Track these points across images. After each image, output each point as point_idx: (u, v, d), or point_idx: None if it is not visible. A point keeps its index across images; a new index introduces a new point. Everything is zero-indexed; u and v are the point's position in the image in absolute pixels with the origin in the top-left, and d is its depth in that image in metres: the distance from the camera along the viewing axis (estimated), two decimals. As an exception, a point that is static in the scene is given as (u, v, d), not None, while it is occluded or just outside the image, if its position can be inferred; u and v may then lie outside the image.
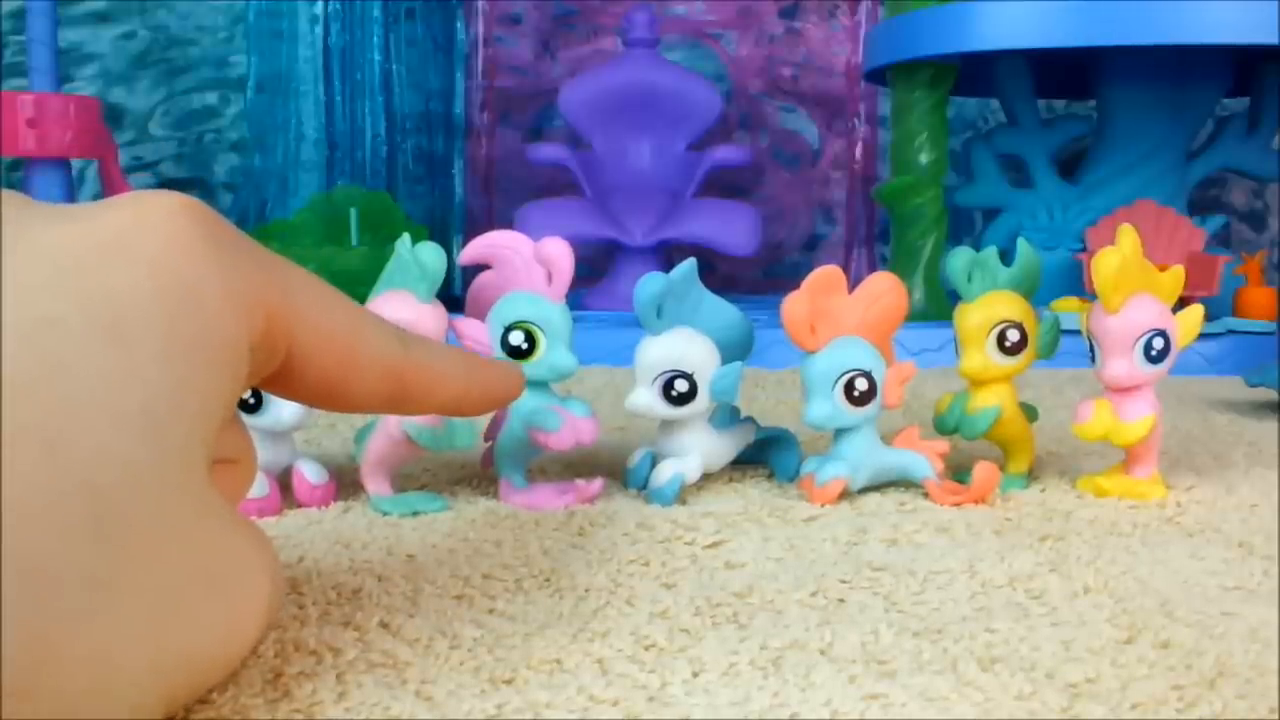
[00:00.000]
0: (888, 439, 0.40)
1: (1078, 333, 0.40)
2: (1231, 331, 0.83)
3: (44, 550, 0.16)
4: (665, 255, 1.04)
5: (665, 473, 0.38)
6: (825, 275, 0.38)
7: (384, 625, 0.26)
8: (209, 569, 0.19)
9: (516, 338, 0.37)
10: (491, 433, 0.40)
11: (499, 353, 0.38)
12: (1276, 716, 0.21)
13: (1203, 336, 0.79)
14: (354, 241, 0.91)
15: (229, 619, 0.20)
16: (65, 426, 0.17)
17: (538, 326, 0.37)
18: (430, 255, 0.37)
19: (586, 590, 0.29)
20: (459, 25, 1.26)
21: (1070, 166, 1.01)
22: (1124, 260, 0.37)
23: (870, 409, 0.38)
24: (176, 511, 0.18)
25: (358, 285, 0.34)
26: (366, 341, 0.24)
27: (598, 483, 0.39)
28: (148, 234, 0.20)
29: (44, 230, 0.19)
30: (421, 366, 0.25)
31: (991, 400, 0.40)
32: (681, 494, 0.39)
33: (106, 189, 1.02)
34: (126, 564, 0.17)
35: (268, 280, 0.22)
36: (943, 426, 0.42)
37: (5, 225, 0.19)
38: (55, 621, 0.16)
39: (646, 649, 0.25)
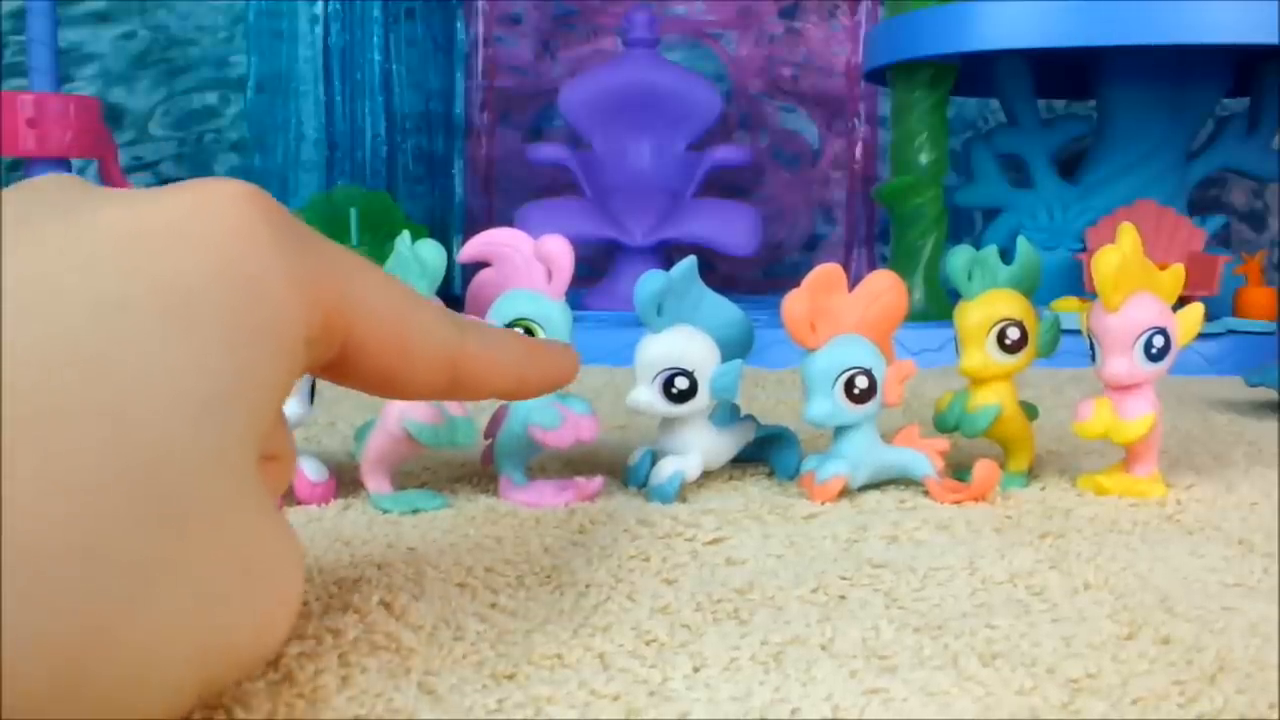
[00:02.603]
0: (888, 437, 0.40)
1: (1078, 332, 0.40)
2: (1231, 331, 0.83)
3: (104, 529, 0.16)
4: (665, 255, 1.04)
5: (665, 470, 0.38)
6: (825, 273, 0.38)
7: (385, 605, 0.26)
8: (252, 561, 0.19)
9: (517, 335, 0.37)
10: (491, 430, 0.40)
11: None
12: (1277, 712, 0.21)
13: (1203, 336, 0.79)
14: (354, 241, 0.91)
15: (266, 612, 0.20)
16: (131, 407, 0.17)
17: (538, 324, 0.38)
18: (430, 252, 0.37)
19: (587, 586, 0.29)
20: (459, 25, 1.26)
21: (1070, 166, 1.01)
22: (1124, 258, 0.37)
23: (870, 407, 0.38)
24: (228, 501, 0.18)
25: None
26: (423, 330, 0.24)
27: (598, 480, 0.39)
28: (213, 220, 0.20)
29: (110, 212, 0.19)
30: (478, 353, 0.25)
31: (991, 398, 0.40)
32: (682, 492, 0.39)
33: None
34: (179, 549, 0.17)
35: (328, 270, 0.22)
36: (943, 425, 0.42)
37: (73, 206, 0.19)
38: (107, 602, 0.16)
39: (648, 644, 0.25)
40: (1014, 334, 0.40)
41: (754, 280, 1.28)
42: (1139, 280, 0.38)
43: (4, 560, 0.15)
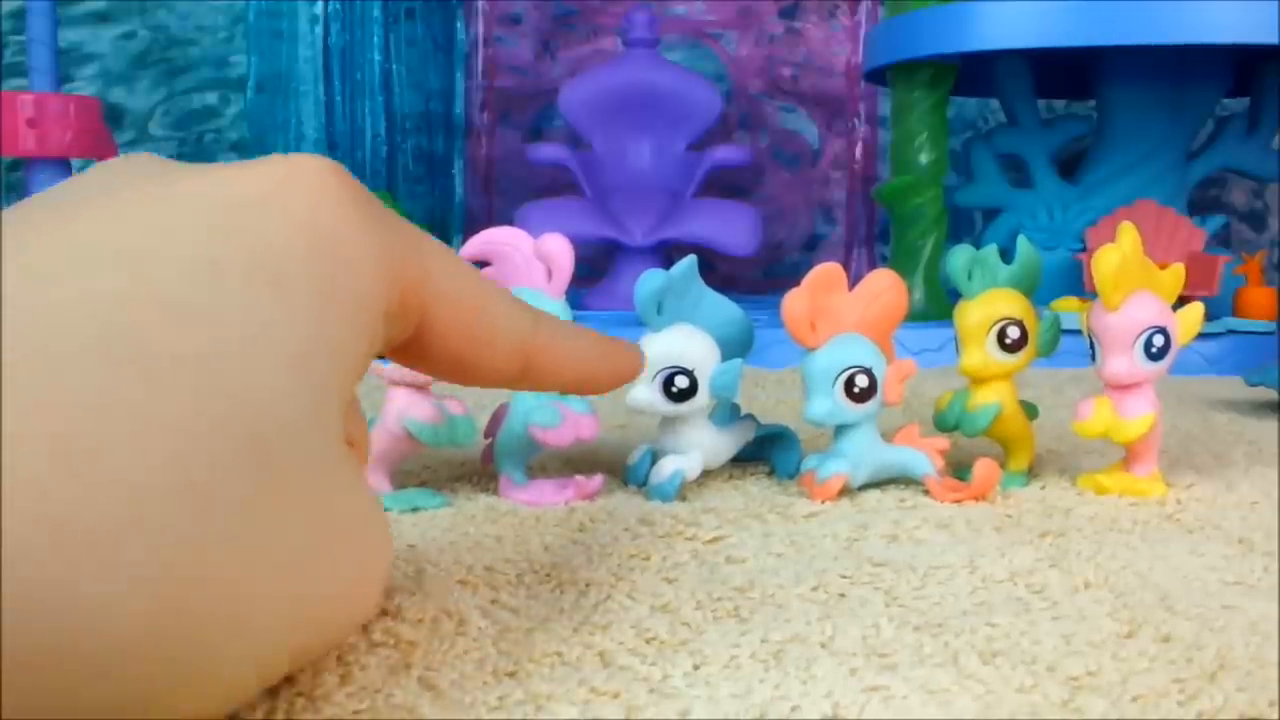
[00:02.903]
0: (888, 436, 0.40)
1: (1078, 332, 0.40)
2: (1231, 331, 0.83)
3: (202, 471, 0.16)
4: (665, 255, 1.04)
5: (666, 469, 0.38)
6: (825, 273, 0.38)
7: (385, 602, 0.26)
8: (340, 523, 0.19)
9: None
10: (491, 429, 0.40)
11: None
12: (1277, 710, 0.21)
13: (1203, 336, 0.79)
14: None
15: (356, 578, 0.20)
16: (227, 359, 0.17)
17: (538, 323, 0.37)
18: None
19: (587, 584, 0.29)
20: (459, 25, 1.26)
21: (1070, 166, 1.01)
22: (1124, 258, 0.37)
23: (870, 406, 0.38)
24: (321, 460, 0.18)
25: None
26: (496, 316, 0.24)
27: (598, 479, 0.39)
28: (299, 191, 0.20)
29: (196, 181, 0.19)
30: (550, 344, 0.25)
31: (992, 398, 0.40)
32: (682, 491, 0.39)
33: (107, 188, 1.02)
34: (275, 501, 0.17)
35: (406, 248, 0.22)
36: (943, 424, 0.42)
37: (160, 177, 0.19)
38: (206, 541, 0.16)
39: (648, 642, 0.25)
40: (1014, 333, 0.40)
41: (754, 280, 1.28)
42: (1139, 280, 0.38)
43: (106, 496, 0.15)
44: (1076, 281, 0.89)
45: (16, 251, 0.17)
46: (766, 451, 0.43)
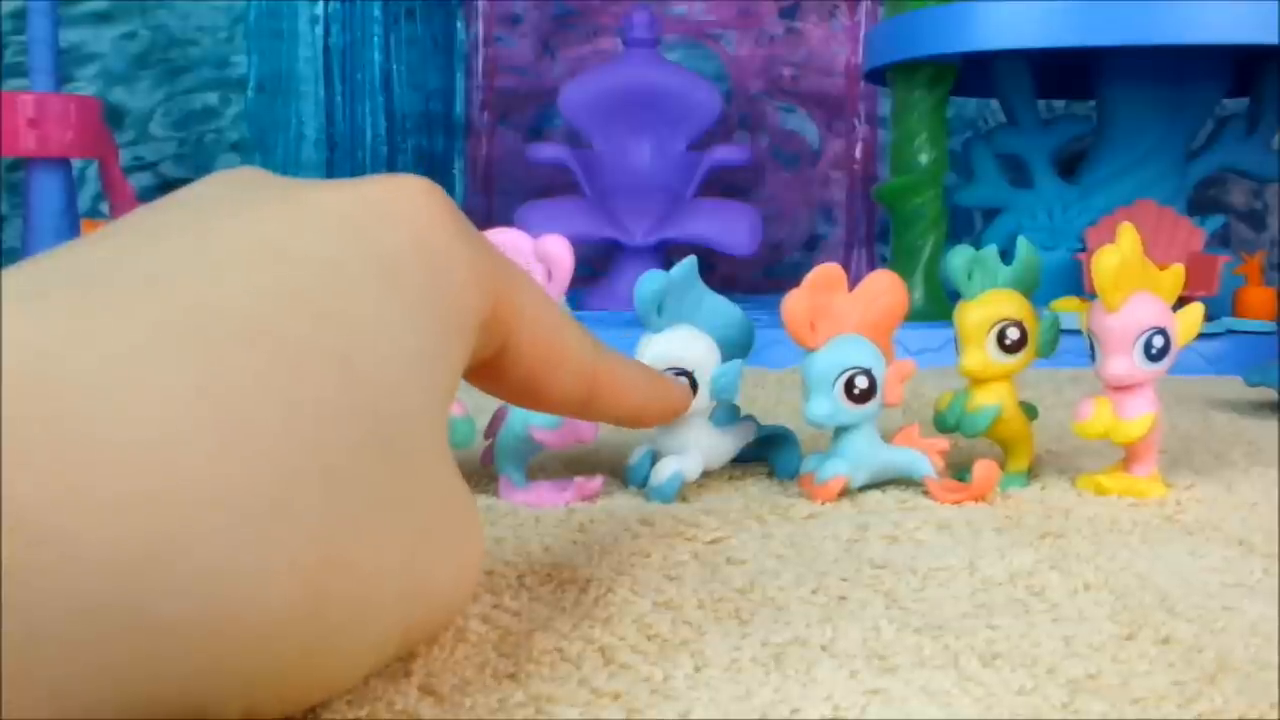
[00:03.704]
0: (888, 437, 0.40)
1: (1078, 332, 0.40)
2: (1231, 331, 0.83)
3: (341, 456, 0.17)
4: (665, 255, 1.04)
5: (665, 470, 0.38)
6: (825, 273, 0.38)
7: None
8: (449, 509, 0.20)
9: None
10: (491, 430, 0.40)
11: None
12: (1277, 712, 0.21)
13: (1203, 336, 0.79)
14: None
15: (461, 564, 0.21)
16: (358, 352, 0.18)
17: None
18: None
19: (588, 581, 0.29)
20: (459, 25, 1.26)
21: (1070, 166, 1.01)
22: (1124, 258, 0.37)
23: (870, 407, 0.38)
24: (433, 448, 0.19)
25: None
26: (568, 342, 0.25)
27: (598, 480, 0.39)
28: (409, 205, 0.21)
29: (313, 193, 0.20)
30: (610, 373, 0.26)
31: (991, 398, 0.40)
32: (682, 491, 0.39)
33: (107, 189, 1.02)
34: (402, 489, 0.18)
35: (497, 269, 0.23)
36: (943, 424, 0.42)
37: (278, 187, 0.20)
38: (345, 525, 0.17)
39: (649, 639, 0.25)
40: (1014, 334, 0.40)
41: (754, 280, 1.28)
42: (1139, 280, 0.38)
43: (262, 478, 0.15)
44: (1076, 282, 0.89)
45: (163, 252, 0.18)
46: (766, 452, 0.43)
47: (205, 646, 0.15)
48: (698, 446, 0.39)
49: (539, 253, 0.38)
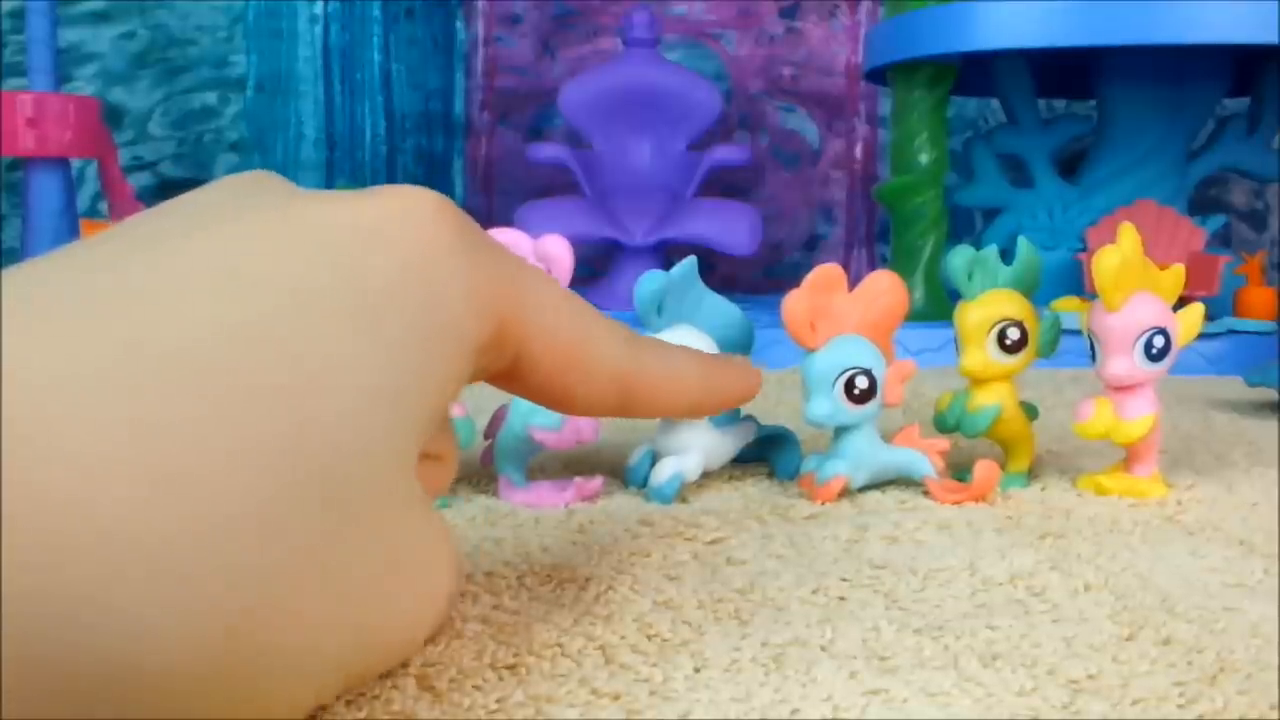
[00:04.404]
0: (888, 437, 0.40)
1: (1078, 332, 0.40)
2: (1231, 331, 0.83)
3: (275, 504, 0.16)
4: (665, 255, 1.04)
5: (665, 471, 0.38)
6: (825, 273, 0.38)
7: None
8: (405, 555, 0.20)
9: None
10: (491, 430, 0.40)
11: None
12: (1277, 713, 0.21)
13: (1203, 336, 0.79)
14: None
15: (412, 608, 0.20)
16: (309, 389, 0.17)
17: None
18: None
19: (588, 579, 0.29)
20: (459, 25, 1.26)
21: (1070, 166, 1.01)
22: (1124, 258, 0.37)
23: (870, 407, 0.38)
24: (391, 493, 0.19)
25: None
26: (594, 345, 0.24)
27: (597, 480, 0.39)
28: (406, 226, 0.20)
29: (310, 208, 0.20)
30: (652, 373, 0.26)
31: (992, 399, 0.40)
32: (682, 492, 0.39)
33: (106, 189, 1.02)
34: (342, 531, 0.18)
35: (506, 284, 0.22)
36: (943, 425, 0.42)
37: (277, 199, 0.20)
38: (278, 572, 0.16)
39: (649, 638, 0.25)
40: (1014, 334, 0.40)
41: (754, 280, 1.28)
42: (1139, 280, 0.38)
43: (189, 526, 0.15)
44: (1076, 282, 0.89)
45: (126, 273, 0.17)
46: (766, 453, 0.43)
47: (120, 696, 0.15)
48: (698, 447, 0.39)
49: (539, 253, 0.38)
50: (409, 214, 0.21)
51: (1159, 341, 0.38)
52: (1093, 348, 0.39)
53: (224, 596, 0.15)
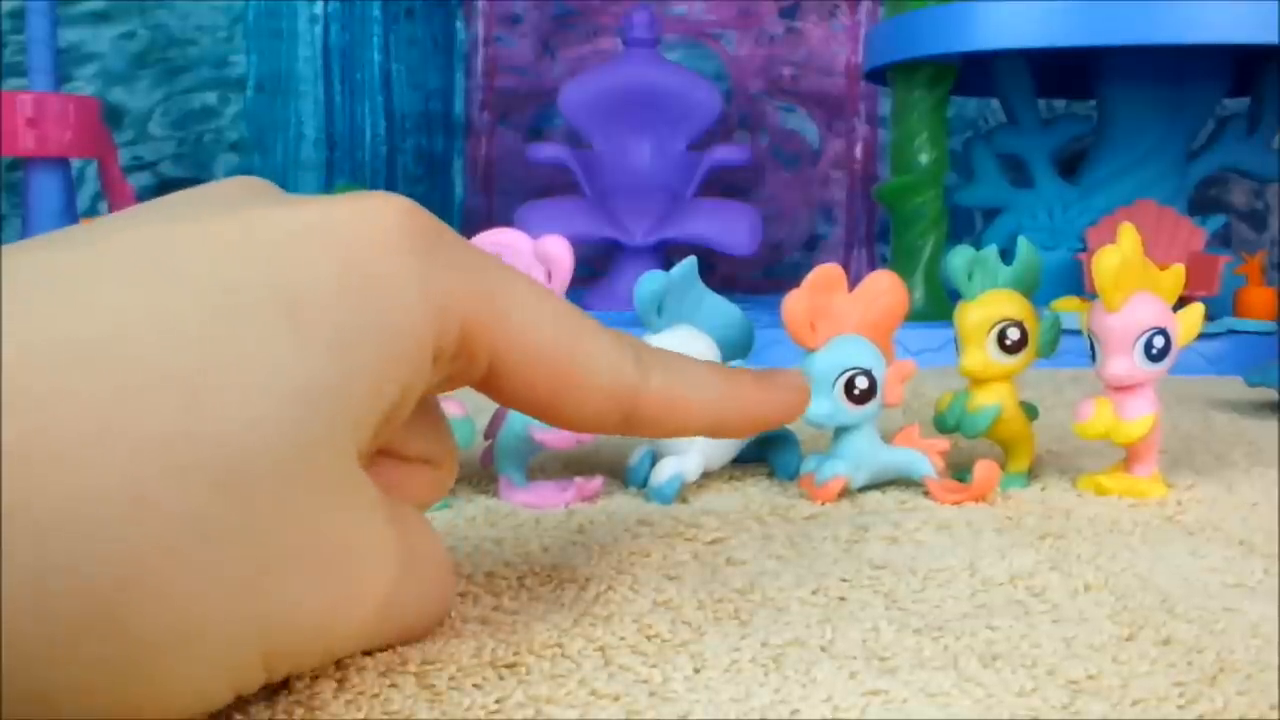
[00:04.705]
0: (888, 437, 0.40)
1: (1078, 332, 0.40)
2: (1231, 331, 0.83)
3: (156, 484, 0.17)
4: (665, 255, 1.04)
5: (665, 471, 0.38)
6: (825, 273, 0.38)
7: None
8: (328, 547, 0.20)
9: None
10: (491, 430, 0.40)
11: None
12: (1277, 713, 0.21)
13: (1203, 336, 0.79)
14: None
15: (338, 599, 0.20)
16: (216, 382, 0.18)
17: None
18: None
19: (588, 579, 0.29)
20: (459, 25, 1.26)
21: (1070, 166, 1.01)
22: (1124, 258, 0.37)
23: (870, 407, 0.38)
24: (309, 487, 0.19)
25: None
26: (588, 360, 0.24)
27: (597, 480, 0.39)
28: (353, 226, 0.20)
29: (270, 212, 0.20)
30: (662, 390, 0.25)
31: (992, 399, 0.40)
32: (682, 492, 0.39)
33: (106, 189, 1.02)
34: (242, 518, 0.18)
35: (472, 286, 0.22)
36: (943, 425, 0.42)
37: (241, 204, 0.20)
38: (152, 552, 0.17)
39: (649, 639, 0.25)
40: (1014, 334, 0.40)
41: (754, 280, 1.28)
42: (1139, 280, 0.38)
43: (51, 502, 0.16)
44: (1077, 282, 0.89)
45: (59, 261, 0.18)
46: (766, 453, 0.43)
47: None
48: (698, 447, 0.39)
49: (539, 253, 0.38)
50: (361, 216, 0.21)
51: (1159, 341, 0.38)
52: (1093, 348, 0.39)
53: (80, 563, 0.16)
